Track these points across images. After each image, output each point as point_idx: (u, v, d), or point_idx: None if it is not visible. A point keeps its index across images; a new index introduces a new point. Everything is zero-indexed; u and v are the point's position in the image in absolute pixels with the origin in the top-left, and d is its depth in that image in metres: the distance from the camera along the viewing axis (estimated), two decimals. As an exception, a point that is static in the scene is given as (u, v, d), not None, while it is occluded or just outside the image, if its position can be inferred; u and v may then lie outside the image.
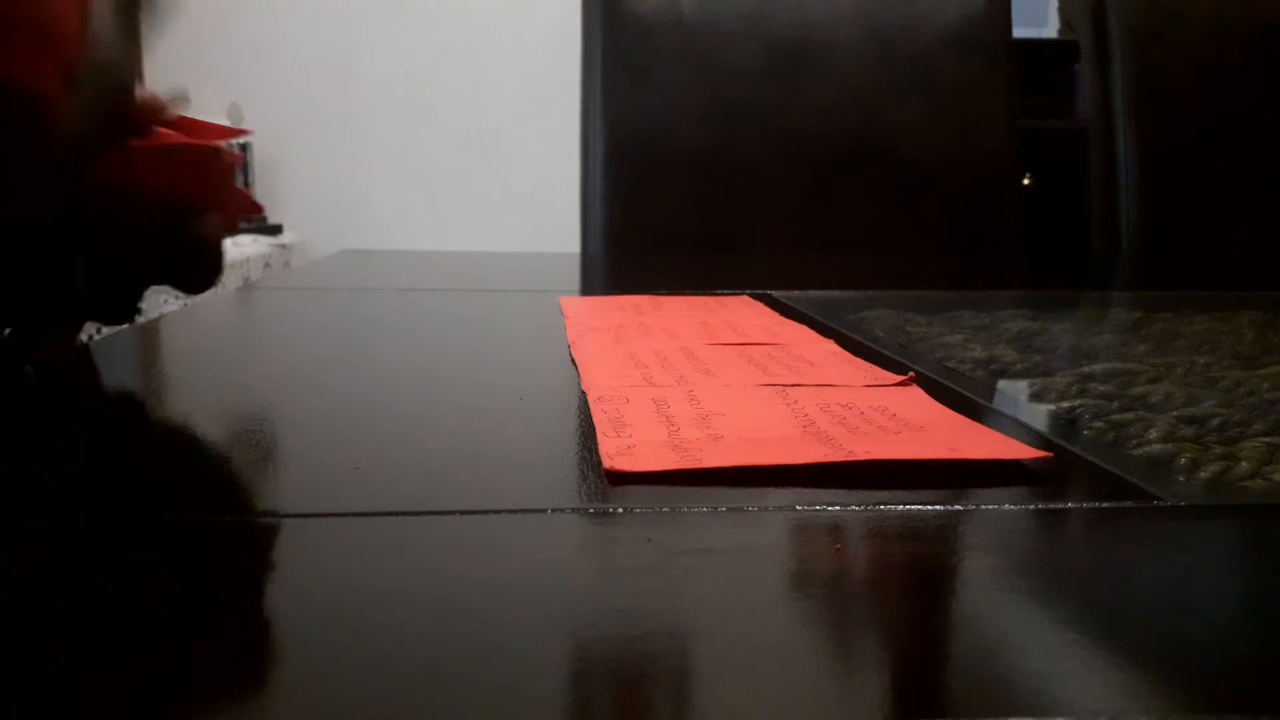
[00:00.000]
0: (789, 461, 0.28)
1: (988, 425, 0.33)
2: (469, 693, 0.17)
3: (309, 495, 0.27)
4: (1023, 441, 0.31)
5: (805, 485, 0.27)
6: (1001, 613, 0.21)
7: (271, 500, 0.28)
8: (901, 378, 0.39)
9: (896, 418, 0.33)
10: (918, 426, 0.32)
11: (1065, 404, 0.38)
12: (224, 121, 2.09)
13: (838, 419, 0.33)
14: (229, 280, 0.71)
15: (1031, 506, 0.26)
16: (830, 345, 0.47)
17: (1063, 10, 2.20)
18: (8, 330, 0.39)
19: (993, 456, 0.29)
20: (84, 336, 0.44)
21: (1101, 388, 0.40)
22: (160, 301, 0.64)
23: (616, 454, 0.29)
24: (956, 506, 0.26)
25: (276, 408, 0.39)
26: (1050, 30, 2.23)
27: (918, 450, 0.30)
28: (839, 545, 0.24)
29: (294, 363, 0.52)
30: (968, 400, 0.37)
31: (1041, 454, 0.30)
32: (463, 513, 0.25)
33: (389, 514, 0.25)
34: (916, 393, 0.37)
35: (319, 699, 0.16)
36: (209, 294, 0.63)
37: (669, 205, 1.03)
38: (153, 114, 0.37)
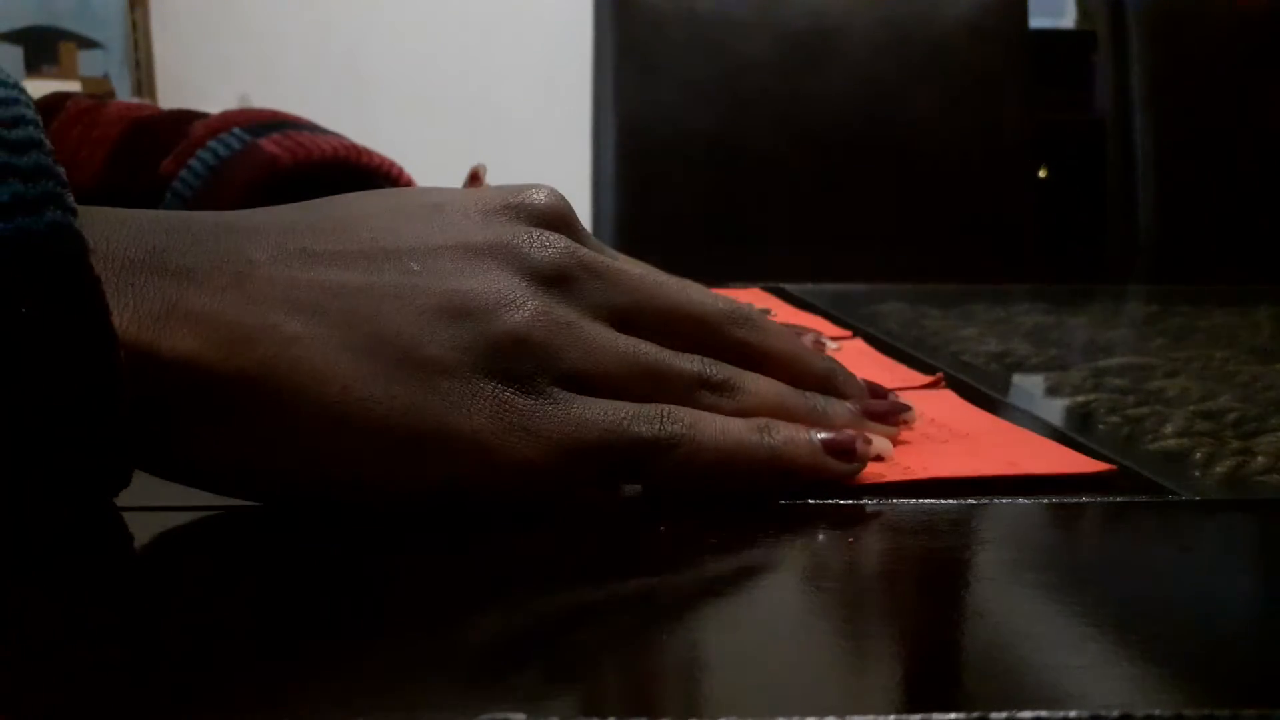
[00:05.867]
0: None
1: (1000, 419, 0.33)
2: (480, 682, 0.17)
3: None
4: (1042, 436, 0.31)
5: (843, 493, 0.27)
6: (1016, 607, 0.21)
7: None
8: (929, 379, 0.38)
9: (936, 423, 0.32)
10: (963, 434, 0.31)
11: (1080, 398, 0.37)
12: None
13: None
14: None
15: (1046, 500, 0.26)
16: (858, 342, 0.46)
17: (1080, 0, 2.18)
18: None
19: (1055, 471, 0.28)
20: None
21: (1117, 382, 0.40)
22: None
23: None
24: (970, 501, 0.26)
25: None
26: (1068, 20, 2.21)
27: (976, 465, 0.28)
28: (852, 539, 0.24)
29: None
30: (983, 395, 0.37)
31: (1106, 467, 0.28)
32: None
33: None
34: (949, 395, 0.36)
35: (330, 683, 0.17)
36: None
37: (680, 196, 1.03)
38: None
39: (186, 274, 0.21)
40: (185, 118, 0.46)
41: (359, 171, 0.44)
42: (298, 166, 0.42)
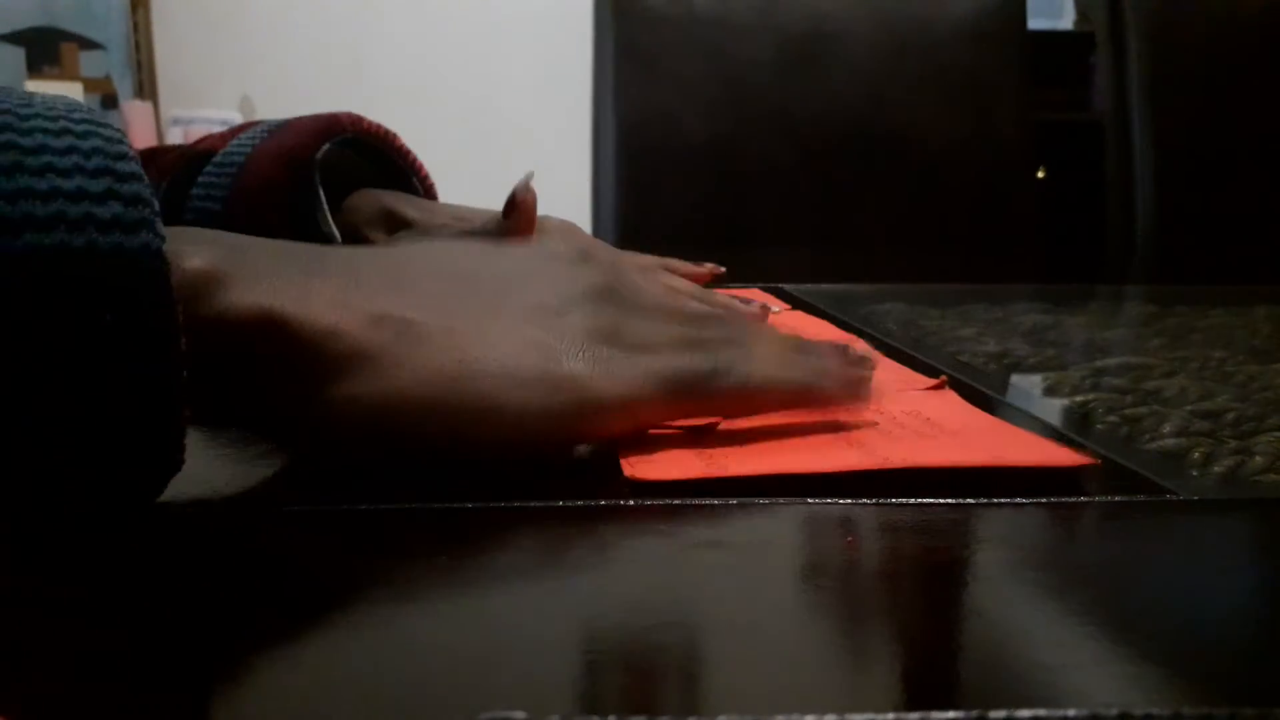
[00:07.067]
0: (820, 469, 0.27)
1: (1000, 419, 0.33)
2: (480, 682, 0.17)
3: (324, 489, 0.28)
4: (1032, 434, 0.31)
5: (834, 491, 0.27)
6: (1015, 606, 0.21)
7: (302, 495, 0.28)
8: (934, 381, 0.37)
9: (931, 422, 0.32)
10: (953, 431, 0.31)
11: (1079, 398, 0.37)
12: (235, 115, 2.10)
13: (870, 424, 0.31)
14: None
15: (1045, 500, 0.26)
16: (859, 344, 0.46)
17: (1079, 1, 2.18)
18: None
19: (1037, 463, 0.28)
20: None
21: (1115, 382, 0.40)
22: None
23: (638, 461, 0.28)
24: (969, 500, 0.26)
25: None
26: (1066, 22, 2.22)
27: (957, 456, 0.28)
28: (851, 539, 0.24)
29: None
30: (981, 395, 0.37)
31: (1088, 460, 0.28)
32: (476, 506, 0.25)
33: (391, 507, 0.25)
34: (950, 396, 0.35)
35: (330, 682, 0.17)
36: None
37: (680, 198, 1.03)
38: None
39: (318, 274, 0.26)
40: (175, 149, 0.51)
41: (364, 142, 0.51)
42: (353, 126, 0.49)
